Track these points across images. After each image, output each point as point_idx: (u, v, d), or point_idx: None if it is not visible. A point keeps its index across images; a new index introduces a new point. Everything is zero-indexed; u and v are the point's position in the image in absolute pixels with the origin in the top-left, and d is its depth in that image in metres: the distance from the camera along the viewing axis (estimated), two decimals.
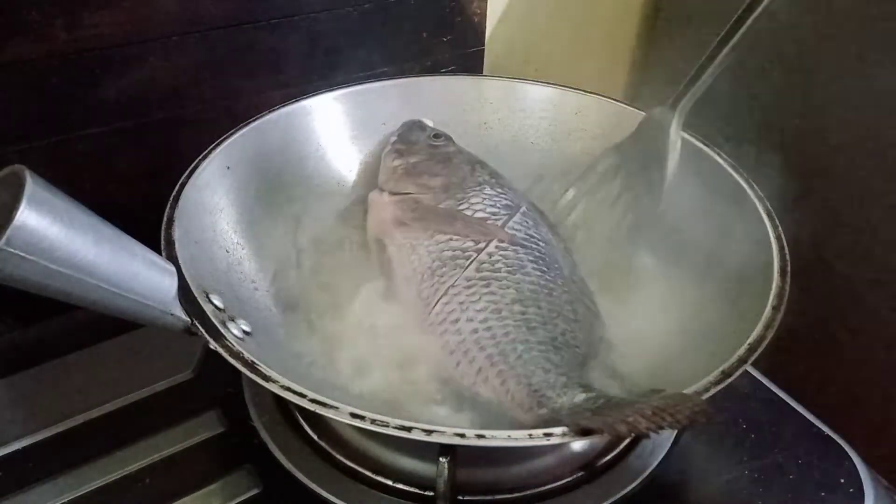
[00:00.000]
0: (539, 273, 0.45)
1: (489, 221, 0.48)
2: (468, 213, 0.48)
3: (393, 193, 0.51)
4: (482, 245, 0.46)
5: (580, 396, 0.36)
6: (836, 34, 0.63)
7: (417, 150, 0.54)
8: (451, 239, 0.46)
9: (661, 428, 0.30)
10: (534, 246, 0.47)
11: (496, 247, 0.45)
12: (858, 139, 0.63)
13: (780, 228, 0.43)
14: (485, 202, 0.49)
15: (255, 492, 0.42)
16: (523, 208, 0.50)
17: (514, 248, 0.46)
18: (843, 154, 0.65)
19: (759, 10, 0.44)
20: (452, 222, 0.47)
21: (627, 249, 0.52)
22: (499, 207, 0.49)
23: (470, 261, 0.44)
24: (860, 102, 0.62)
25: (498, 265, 0.44)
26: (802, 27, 0.66)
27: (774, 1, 0.43)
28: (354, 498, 0.41)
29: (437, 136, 0.55)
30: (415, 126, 0.56)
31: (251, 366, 0.33)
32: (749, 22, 0.44)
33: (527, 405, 0.37)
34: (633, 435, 0.31)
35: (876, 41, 0.60)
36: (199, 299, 0.36)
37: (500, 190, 0.51)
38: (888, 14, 0.58)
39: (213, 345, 0.34)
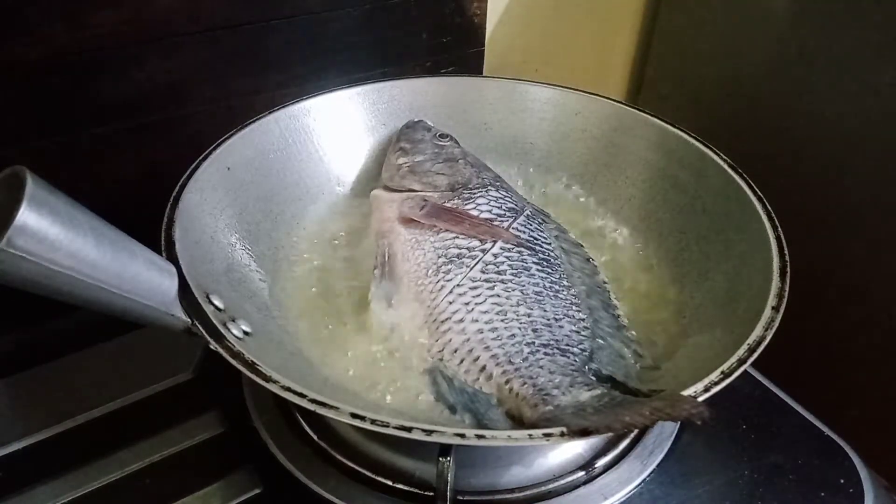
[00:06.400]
0: (544, 275, 0.45)
1: (495, 223, 0.48)
2: (475, 213, 0.48)
3: (398, 191, 0.51)
4: (488, 246, 0.46)
5: (584, 395, 0.36)
6: (836, 35, 0.63)
7: (423, 148, 0.54)
8: (456, 237, 0.46)
9: (657, 421, 0.31)
10: (538, 248, 0.47)
11: (501, 248, 0.46)
12: (859, 140, 0.63)
13: (779, 229, 0.43)
14: (490, 203, 0.49)
15: (255, 492, 0.42)
16: (528, 211, 0.50)
17: (519, 249, 0.46)
18: (843, 155, 0.65)
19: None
20: (461, 221, 0.47)
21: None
22: (504, 210, 0.49)
23: (475, 261, 0.45)
24: (860, 104, 0.62)
25: (503, 267, 0.44)
26: (802, 29, 0.66)
27: None
28: (354, 498, 0.41)
29: (442, 136, 0.55)
30: (419, 125, 0.57)
31: (251, 366, 0.33)
32: None
33: (531, 402, 0.37)
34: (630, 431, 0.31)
35: (875, 45, 0.60)
36: (199, 300, 0.36)
37: (504, 192, 0.51)
38: (887, 17, 0.58)
39: (213, 345, 0.34)
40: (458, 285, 0.43)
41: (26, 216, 0.27)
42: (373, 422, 0.30)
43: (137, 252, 0.34)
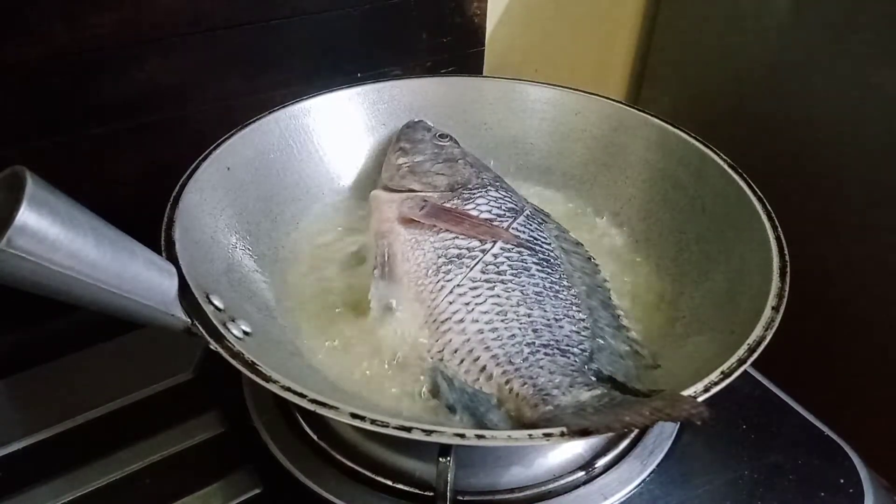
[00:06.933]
0: (544, 275, 0.45)
1: (495, 223, 0.48)
2: (474, 213, 0.48)
3: (397, 191, 0.51)
4: (488, 246, 0.46)
5: (585, 395, 0.36)
6: (835, 37, 0.63)
7: (422, 149, 0.54)
8: (456, 237, 0.46)
9: (657, 422, 0.31)
10: (538, 248, 0.47)
11: (501, 248, 0.46)
12: (859, 140, 0.63)
13: (779, 229, 0.43)
14: (490, 204, 0.49)
15: (255, 492, 0.42)
16: (527, 211, 0.50)
17: (519, 249, 0.46)
18: (843, 155, 0.65)
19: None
20: (461, 221, 0.47)
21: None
22: (504, 210, 0.49)
23: (475, 262, 0.45)
24: (860, 105, 0.62)
25: (503, 267, 0.44)
26: (802, 30, 0.66)
27: None
28: (354, 498, 0.41)
29: (442, 136, 0.55)
30: (419, 126, 0.57)
31: (251, 366, 0.33)
32: None
33: (532, 402, 0.37)
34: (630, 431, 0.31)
35: (875, 44, 0.60)
36: (199, 300, 0.36)
37: (504, 192, 0.51)
38: (887, 17, 0.58)
39: (213, 345, 0.34)
40: (458, 285, 0.43)
41: (26, 216, 0.27)
42: (373, 422, 0.30)
43: (137, 252, 0.34)
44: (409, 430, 0.30)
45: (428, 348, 0.42)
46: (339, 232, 0.53)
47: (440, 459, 0.36)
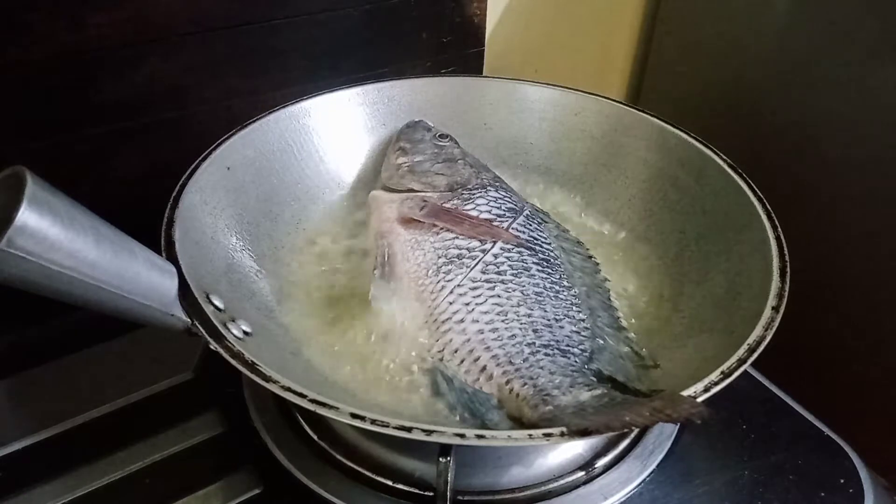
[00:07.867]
0: (544, 275, 0.45)
1: (494, 223, 0.48)
2: (474, 213, 0.48)
3: (397, 191, 0.51)
4: (488, 246, 0.46)
5: (585, 395, 0.36)
6: (835, 37, 0.63)
7: (422, 149, 0.54)
8: (456, 237, 0.46)
9: (657, 422, 0.31)
10: (538, 248, 0.47)
11: (501, 248, 0.46)
12: (859, 141, 0.63)
13: (779, 229, 0.43)
14: (490, 204, 0.49)
15: (255, 492, 0.42)
16: (527, 211, 0.50)
17: (519, 250, 0.46)
18: (843, 155, 0.65)
19: None
20: (461, 222, 0.47)
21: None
22: (503, 210, 0.49)
23: (476, 262, 0.45)
24: (860, 105, 0.62)
25: (503, 267, 0.44)
26: (802, 30, 0.66)
27: None
28: (354, 498, 0.41)
29: (442, 136, 0.55)
30: (419, 126, 0.57)
31: (251, 366, 0.33)
32: None
33: (532, 402, 0.37)
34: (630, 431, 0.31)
35: (875, 44, 0.60)
36: (199, 300, 0.36)
37: (503, 193, 0.51)
38: (888, 18, 0.58)
39: (213, 345, 0.34)
40: (458, 285, 0.43)
41: (26, 216, 0.27)
42: (373, 422, 0.30)
43: (137, 252, 0.34)
44: (409, 430, 0.30)
45: (428, 348, 0.42)
46: (339, 232, 0.53)
47: (440, 459, 0.36)
